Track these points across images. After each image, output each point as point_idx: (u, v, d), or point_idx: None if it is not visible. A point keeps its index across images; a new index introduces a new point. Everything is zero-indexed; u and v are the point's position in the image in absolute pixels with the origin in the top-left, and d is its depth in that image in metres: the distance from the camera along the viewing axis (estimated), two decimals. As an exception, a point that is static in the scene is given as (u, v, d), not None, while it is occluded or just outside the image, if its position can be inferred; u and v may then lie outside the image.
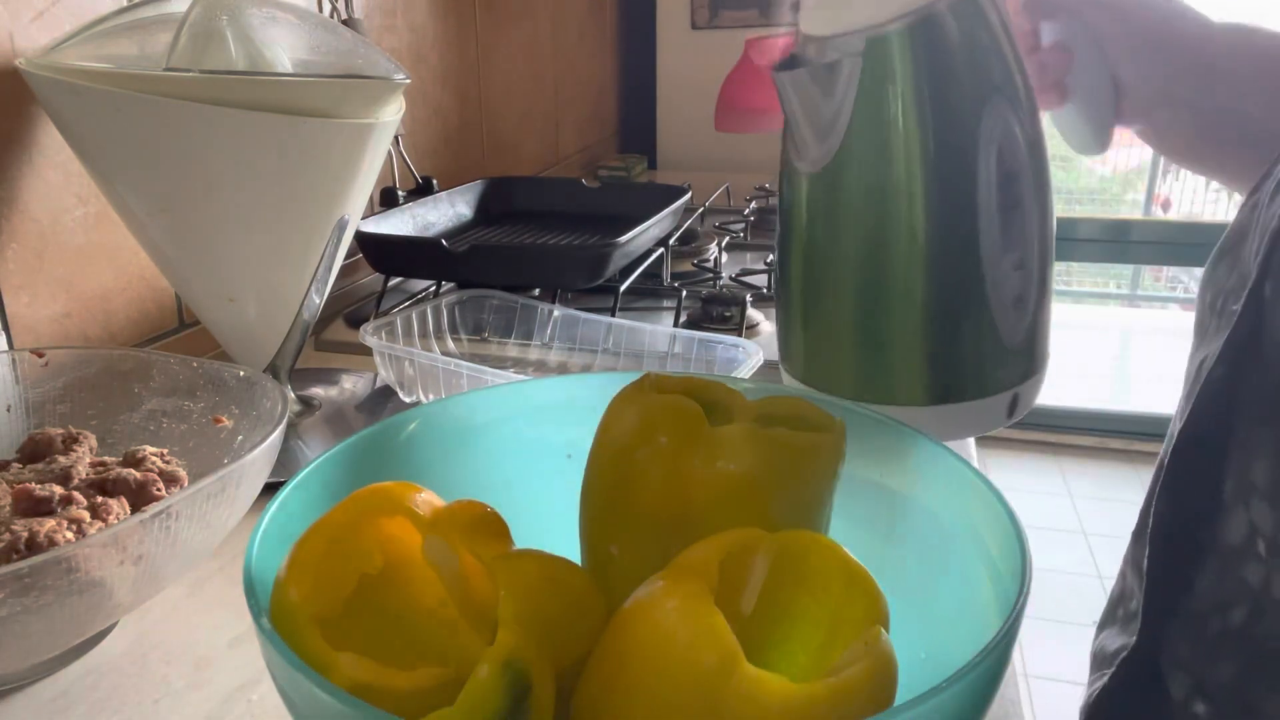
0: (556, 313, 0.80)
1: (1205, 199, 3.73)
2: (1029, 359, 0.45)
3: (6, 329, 0.63)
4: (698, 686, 0.23)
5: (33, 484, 0.43)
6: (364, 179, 0.61)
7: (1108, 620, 0.52)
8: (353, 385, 0.74)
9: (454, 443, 0.38)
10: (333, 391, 0.73)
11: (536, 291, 0.93)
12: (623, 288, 0.92)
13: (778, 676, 0.23)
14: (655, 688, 0.24)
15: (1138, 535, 0.49)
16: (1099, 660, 0.51)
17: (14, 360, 0.54)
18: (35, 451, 0.49)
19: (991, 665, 0.24)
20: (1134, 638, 0.46)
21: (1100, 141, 0.52)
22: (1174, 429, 0.45)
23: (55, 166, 0.65)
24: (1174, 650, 0.43)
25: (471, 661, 0.24)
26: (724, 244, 1.17)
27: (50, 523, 0.40)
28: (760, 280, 1.02)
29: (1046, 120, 0.52)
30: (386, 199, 1.05)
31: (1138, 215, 3.67)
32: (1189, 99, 0.48)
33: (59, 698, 0.42)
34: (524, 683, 0.24)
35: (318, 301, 0.63)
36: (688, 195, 1.10)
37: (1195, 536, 0.42)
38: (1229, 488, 0.40)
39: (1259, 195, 0.43)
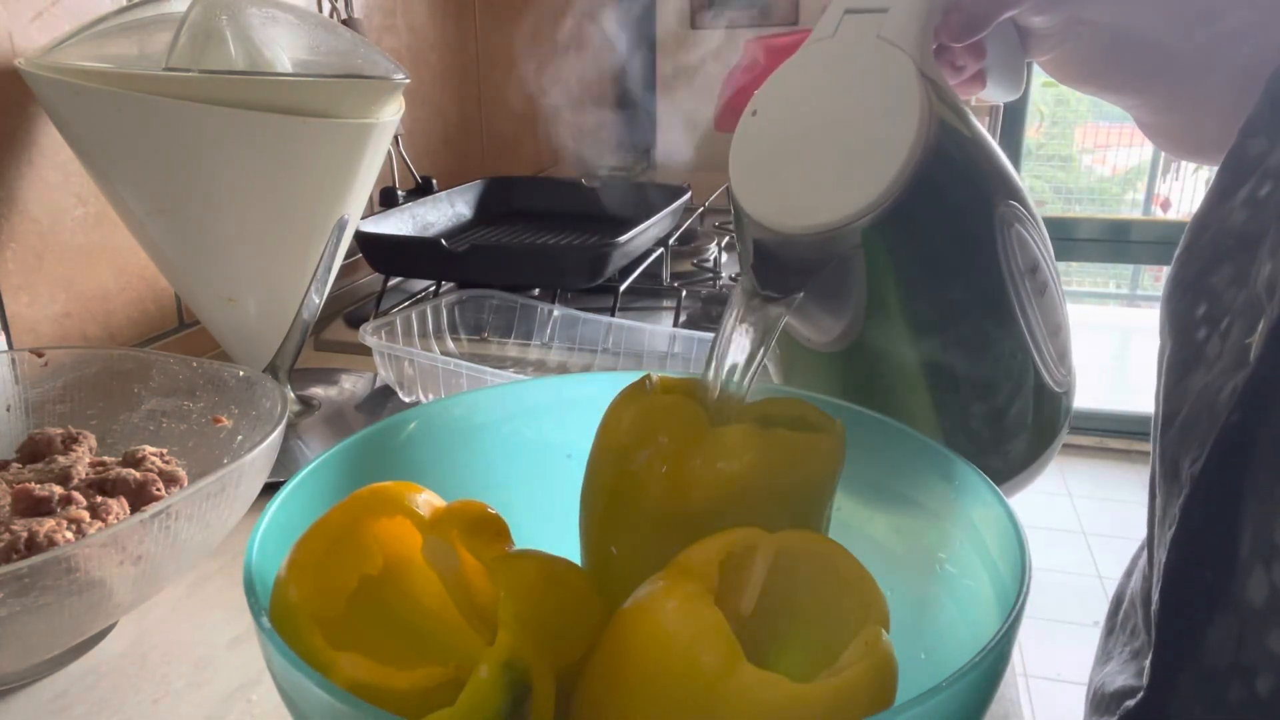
0: (556, 313, 0.80)
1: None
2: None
3: (6, 329, 0.63)
4: (698, 686, 0.23)
5: (32, 484, 0.43)
6: (363, 179, 0.61)
7: (1108, 654, 0.50)
8: (352, 385, 0.74)
9: (454, 443, 0.38)
10: (332, 391, 0.73)
11: (536, 291, 0.93)
12: (622, 287, 0.92)
13: (778, 676, 0.23)
14: (655, 688, 0.24)
15: (1139, 566, 0.47)
16: (1099, 702, 0.49)
17: (14, 360, 0.53)
18: (35, 451, 0.49)
19: (991, 665, 0.24)
20: (1136, 680, 0.44)
21: (1016, 86, 0.50)
22: (1158, 434, 0.44)
23: (55, 166, 0.65)
24: (1188, 710, 0.40)
25: (472, 661, 0.24)
26: (724, 244, 1.17)
27: (50, 523, 0.40)
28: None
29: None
30: (386, 199, 1.05)
31: (1137, 215, 3.67)
32: (1095, 26, 0.43)
33: (59, 698, 0.42)
34: (524, 683, 0.24)
35: (317, 301, 0.63)
36: (688, 195, 1.10)
37: (1209, 590, 0.39)
38: (1246, 542, 0.37)
39: (1258, 191, 0.40)
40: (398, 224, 1.00)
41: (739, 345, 0.34)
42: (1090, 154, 3.95)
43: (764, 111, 0.38)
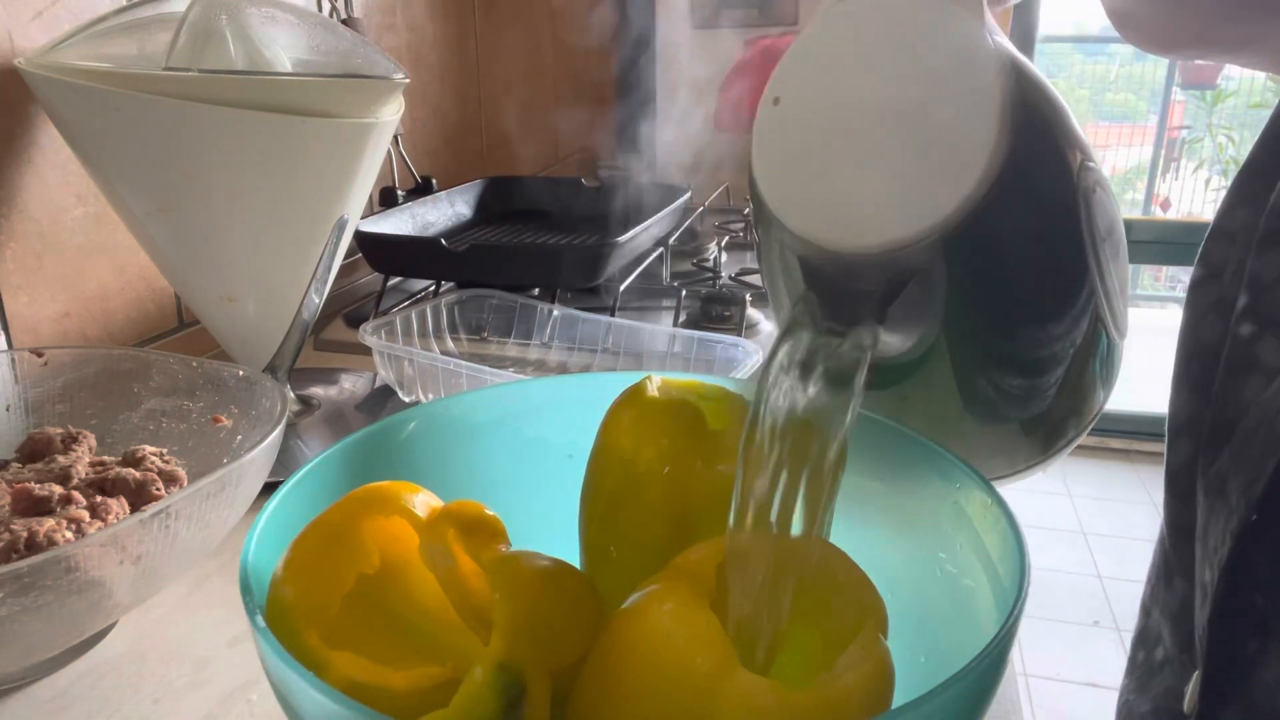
0: (556, 312, 0.80)
1: (1205, 199, 3.73)
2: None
3: (6, 329, 0.63)
4: (693, 691, 0.23)
5: (32, 484, 0.43)
6: (363, 179, 0.61)
7: (1134, 672, 0.49)
8: (352, 385, 0.74)
9: (453, 443, 0.38)
10: (332, 391, 0.73)
11: (536, 291, 0.93)
12: (622, 287, 0.92)
13: (773, 682, 0.23)
14: (650, 691, 0.24)
15: (1165, 578, 0.45)
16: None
17: (13, 360, 0.53)
18: (35, 451, 0.49)
19: (990, 667, 0.24)
20: (1165, 703, 0.43)
21: None
22: (1186, 438, 0.42)
23: (55, 166, 0.65)
24: None
25: (468, 662, 0.24)
26: (724, 244, 1.17)
27: (50, 522, 0.40)
28: (760, 279, 1.02)
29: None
30: (386, 198, 1.05)
31: (1138, 215, 3.67)
32: None
33: (58, 697, 0.42)
34: (519, 685, 0.24)
35: (317, 301, 0.63)
36: (688, 195, 1.10)
37: (1261, 616, 0.36)
38: None
39: None
40: (398, 224, 1.00)
41: (802, 397, 0.28)
42: (1091, 154, 3.94)
43: (790, 98, 0.31)
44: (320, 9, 0.94)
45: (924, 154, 0.28)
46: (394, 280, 0.99)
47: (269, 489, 0.34)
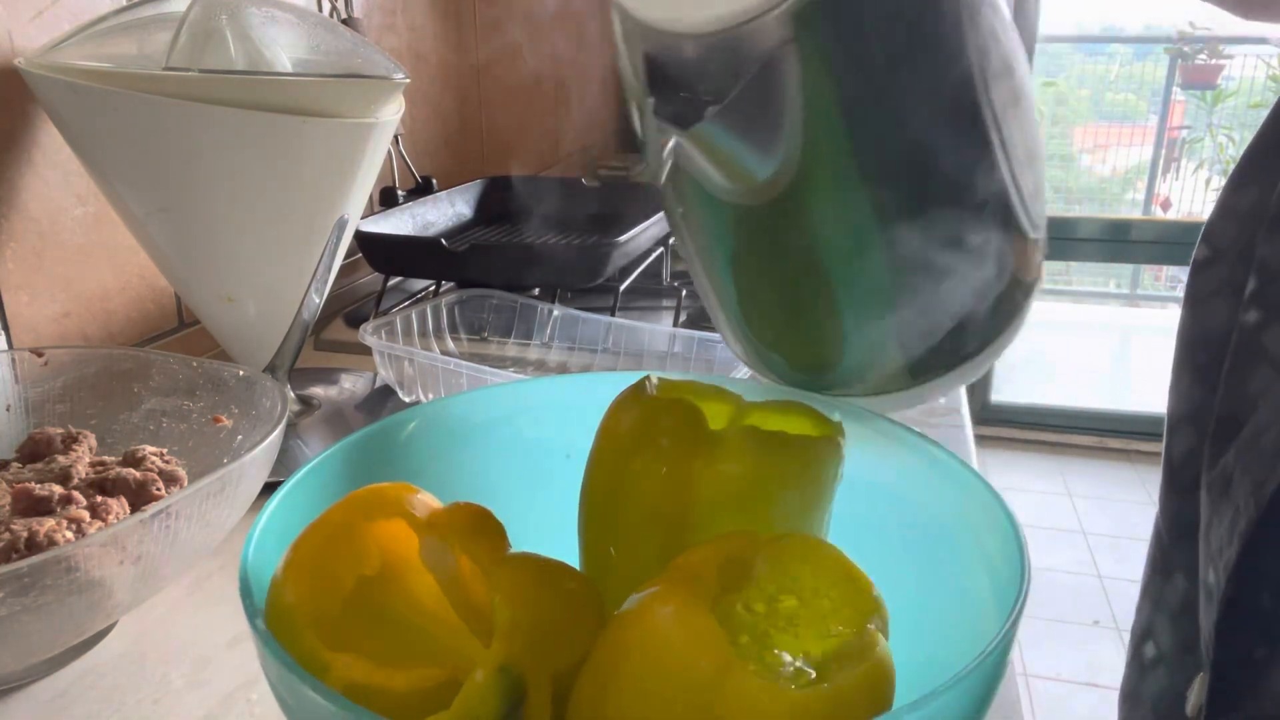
0: (556, 312, 0.80)
1: (1205, 199, 3.73)
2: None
3: (6, 328, 0.63)
4: (693, 692, 0.23)
5: (32, 484, 0.43)
6: (364, 179, 0.61)
7: (1131, 666, 0.48)
8: (352, 385, 0.74)
9: (453, 443, 0.38)
10: (332, 391, 0.73)
11: (536, 291, 0.93)
12: (622, 287, 0.92)
13: (774, 683, 0.23)
14: (650, 693, 0.24)
15: (1162, 571, 0.45)
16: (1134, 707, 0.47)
17: (13, 360, 0.53)
18: (35, 451, 0.49)
19: (990, 667, 0.24)
20: (1162, 702, 0.43)
21: None
22: (1175, 421, 0.40)
23: (55, 166, 0.65)
24: None
25: (469, 664, 0.24)
26: (724, 244, 1.17)
27: (50, 522, 0.40)
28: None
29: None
30: (386, 198, 1.05)
31: (1138, 215, 3.67)
32: None
33: (58, 697, 0.42)
34: (520, 687, 0.24)
35: (317, 301, 0.63)
36: (688, 195, 1.10)
37: (1268, 618, 0.35)
38: None
39: None
40: (398, 224, 1.00)
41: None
42: (1090, 154, 3.95)
43: None
44: (320, 9, 0.94)
45: None
46: (394, 280, 0.99)
47: (269, 489, 0.34)
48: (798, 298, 0.35)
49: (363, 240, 0.90)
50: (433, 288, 0.98)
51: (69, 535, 0.40)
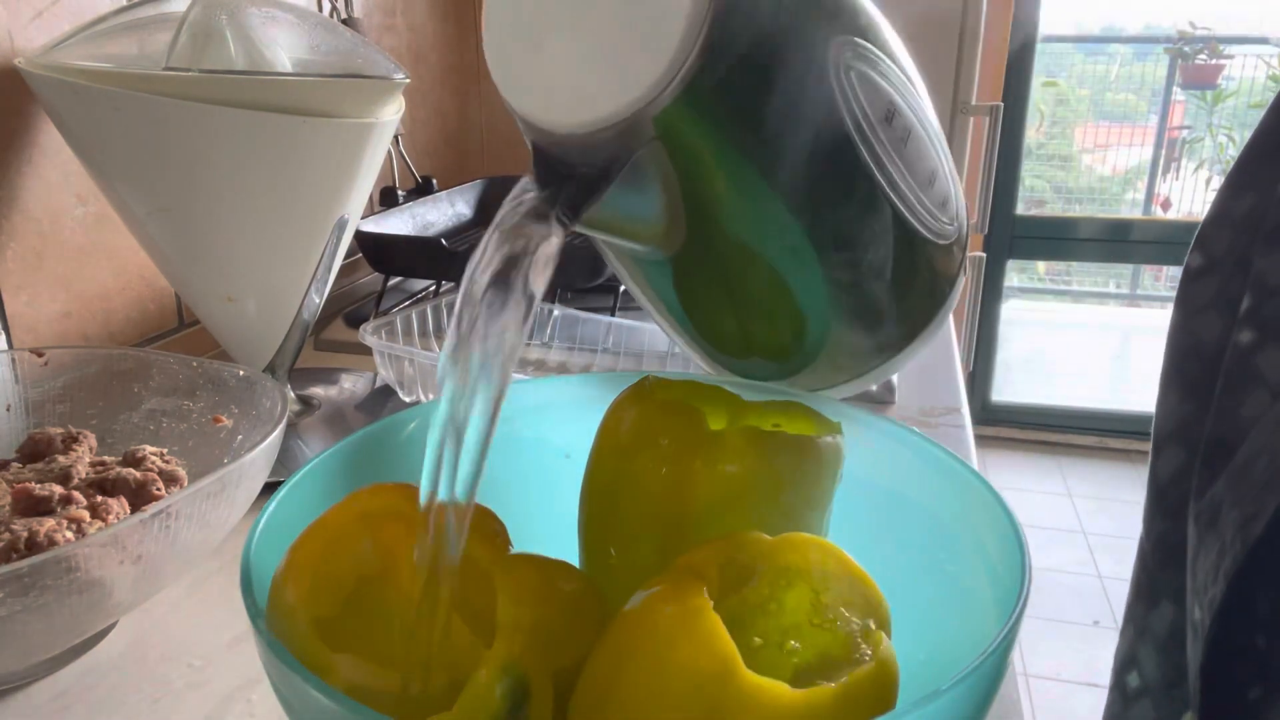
0: (556, 312, 0.80)
1: (1205, 199, 3.73)
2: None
3: (6, 328, 0.63)
4: (696, 693, 0.23)
5: (32, 483, 0.43)
6: (364, 179, 0.61)
7: (1115, 692, 0.46)
8: (352, 385, 0.74)
9: (453, 443, 0.38)
10: (332, 391, 0.73)
11: (536, 291, 0.93)
12: (622, 287, 0.92)
13: (777, 682, 0.23)
14: (653, 693, 0.24)
15: (1148, 597, 0.43)
16: None
17: (14, 360, 0.53)
18: (35, 451, 0.49)
19: (991, 667, 0.24)
20: None
21: None
22: (1162, 436, 0.39)
23: (55, 166, 0.65)
24: None
25: (470, 665, 0.24)
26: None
27: (50, 522, 0.40)
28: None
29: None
30: (386, 199, 1.05)
31: (1138, 215, 3.67)
32: None
33: (58, 698, 0.42)
34: (522, 688, 0.24)
35: (317, 301, 0.63)
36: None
37: (1260, 658, 0.33)
38: None
39: None
40: (398, 224, 1.00)
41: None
42: (1090, 154, 3.95)
43: None
44: (320, 9, 0.94)
45: (624, 25, 0.26)
46: (394, 280, 0.99)
47: (269, 489, 0.34)
48: (724, 322, 0.38)
49: (363, 240, 0.90)
50: (433, 288, 0.98)
51: (69, 535, 0.40)
